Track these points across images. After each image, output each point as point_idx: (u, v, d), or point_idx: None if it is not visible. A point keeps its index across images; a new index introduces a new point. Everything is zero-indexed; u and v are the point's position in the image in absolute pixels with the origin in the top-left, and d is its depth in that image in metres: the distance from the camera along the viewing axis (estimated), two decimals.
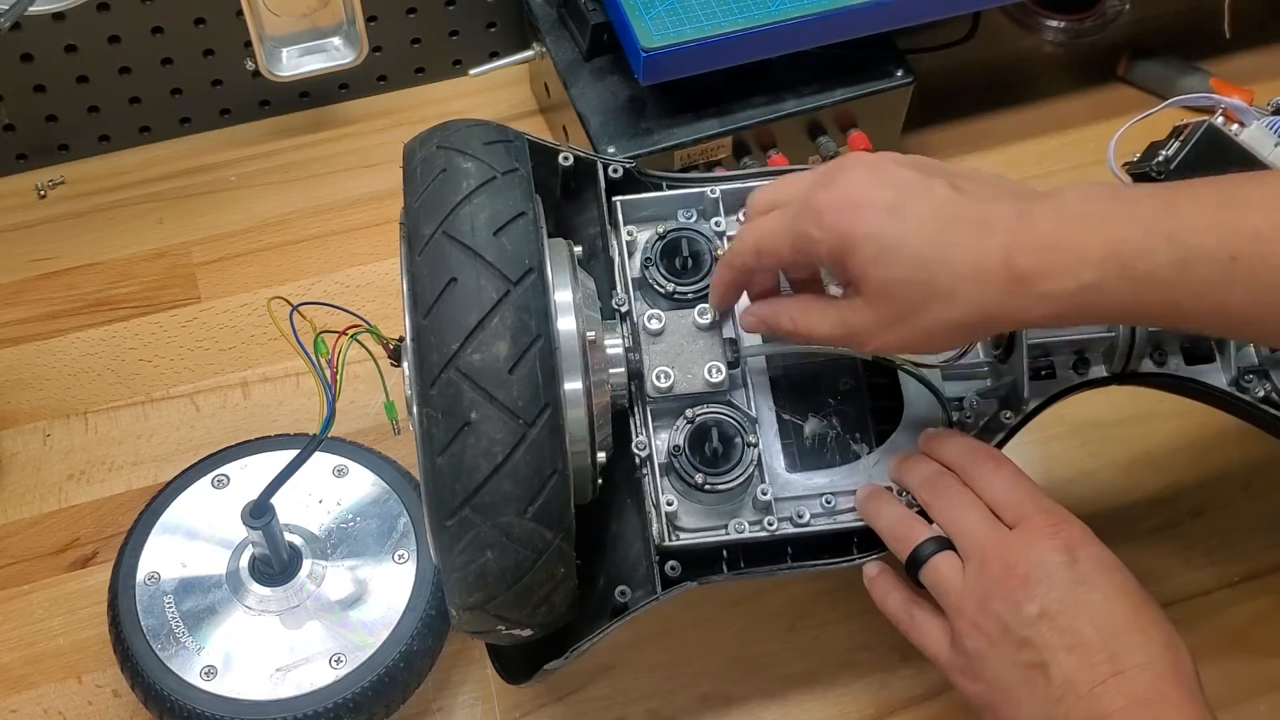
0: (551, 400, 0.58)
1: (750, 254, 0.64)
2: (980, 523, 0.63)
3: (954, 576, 0.62)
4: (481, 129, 0.65)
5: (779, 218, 0.62)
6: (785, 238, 0.61)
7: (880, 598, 0.67)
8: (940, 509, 0.65)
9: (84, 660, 0.78)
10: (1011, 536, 0.62)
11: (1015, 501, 0.63)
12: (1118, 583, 0.60)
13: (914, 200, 0.59)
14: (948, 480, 0.65)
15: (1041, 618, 0.59)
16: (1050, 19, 1.10)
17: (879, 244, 0.58)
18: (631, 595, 0.66)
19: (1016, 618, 0.59)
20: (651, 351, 0.69)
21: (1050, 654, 0.58)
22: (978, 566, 0.62)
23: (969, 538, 0.63)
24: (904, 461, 0.68)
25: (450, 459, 0.57)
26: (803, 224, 0.60)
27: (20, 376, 0.90)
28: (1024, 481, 0.64)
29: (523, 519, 0.58)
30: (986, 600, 0.60)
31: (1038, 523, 0.62)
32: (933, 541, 0.64)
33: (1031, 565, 0.60)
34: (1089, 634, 0.58)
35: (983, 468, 0.65)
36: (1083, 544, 0.61)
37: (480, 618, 0.61)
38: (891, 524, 0.66)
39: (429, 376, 0.58)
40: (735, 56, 0.89)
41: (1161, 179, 0.74)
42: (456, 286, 0.58)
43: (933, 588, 0.63)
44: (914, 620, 0.65)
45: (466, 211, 0.60)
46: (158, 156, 1.02)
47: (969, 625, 0.61)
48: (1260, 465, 0.86)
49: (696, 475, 0.66)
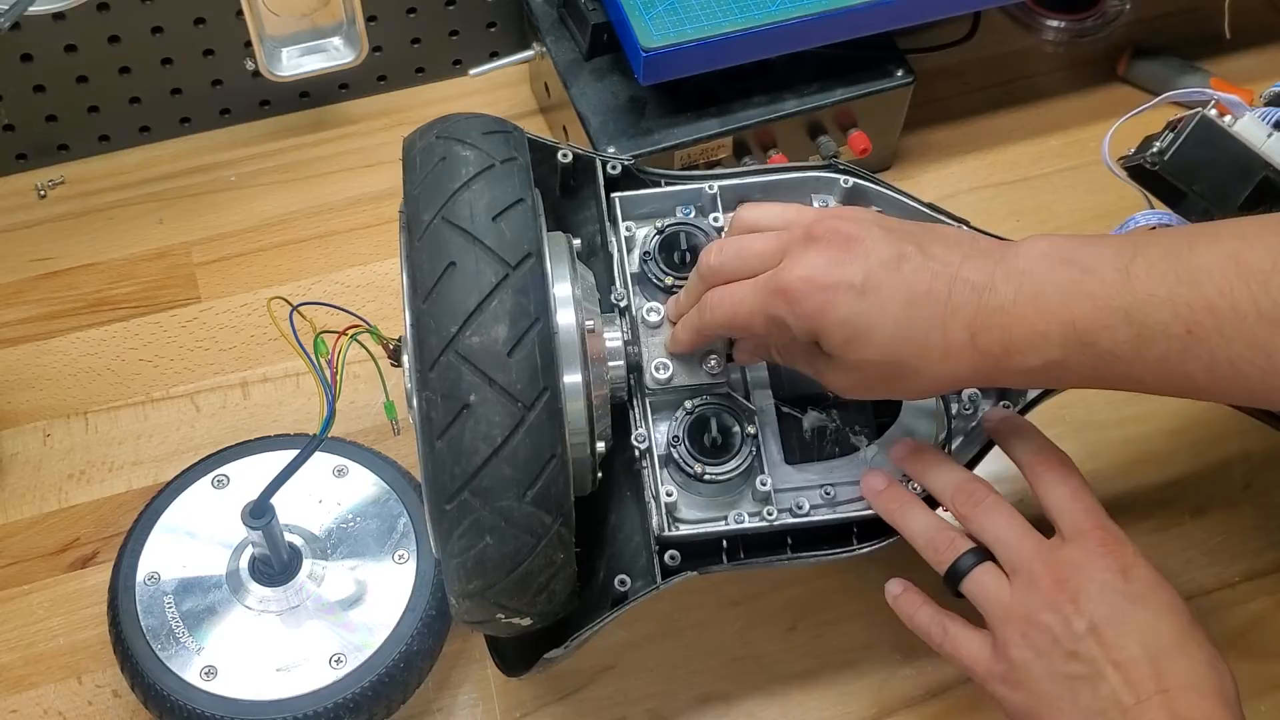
0: (550, 384, 0.58)
1: (722, 326, 0.65)
2: (1026, 537, 0.63)
3: (1000, 589, 0.63)
4: (480, 120, 0.66)
5: (751, 295, 0.62)
6: (759, 317, 0.62)
7: (909, 614, 0.68)
8: (981, 522, 0.65)
9: (84, 660, 0.78)
10: (1063, 551, 0.62)
11: (1075, 512, 0.63)
12: (1167, 603, 0.61)
13: (882, 277, 0.60)
14: (983, 491, 0.66)
15: (1090, 632, 0.60)
16: (1050, 19, 1.10)
17: (848, 329, 0.60)
18: (631, 585, 0.67)
19: (1066, 631, 0.60)
20: (650, 344, 0.69)
21: (1097, 668, 0.59)
22: (1027, 580, 0.62)
23: (1015, 552, 0.63)
24: (921, 459, 0.68)
25: (449, 442, 0.58)
26: (774, 307, 0.61)
27: (20, 376, 0.90)
28: (1088, 494, 0.64)
29: (522, 503, 0.58)
30: (1036, 612, 0.61)
31: (1093, 539, 0.62)
32: (972, 553, 0.64)
33: (1083, 581, 0.61)
34: (1136, 651, 0.59)
35: (1052, 471, 0.65)
36: (1135, 564, 0.62)
37: (479, 605, 0.61)
38: (927, 533, 0.66)
39: (428, 360, 0.58)
40: (735, 56, 0.89)
41: (1156, 170, 0.74)
42: (455, 270, 0.59)
43: (976, 600, 0.64)
44: (948, 633, 0.65)
45: (465, 198, 0.60)
46: (158, 156, 1.02)
47: (1016, 635, 0.61)
48: (1260, 465, 0.86)
49: (696, 466, 0.66)
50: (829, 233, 0.61)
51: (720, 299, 0.64)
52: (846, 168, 0.74)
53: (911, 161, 1.02)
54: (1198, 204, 0.75)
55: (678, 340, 0.68)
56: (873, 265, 0.60)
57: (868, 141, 0.96)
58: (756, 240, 0.64)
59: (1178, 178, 0.74)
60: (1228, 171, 0.73)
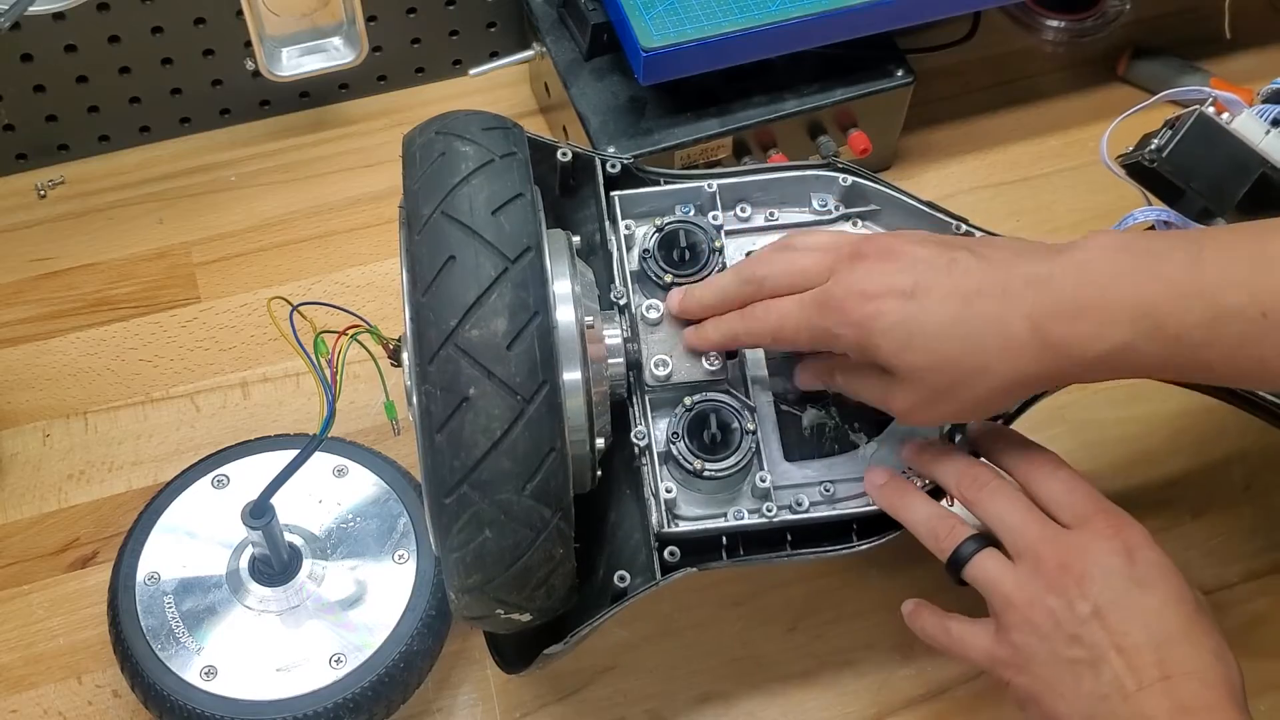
0: (549, 377, 0.58)
1: (767, 337, 0.65)
2: (1031, 520, 0.63)
3: (1004, 573, 0.63)
4: (480, 116, 0.66)
5: (797, 309, 0.63)
6: (805, 332, 0.62)
7: (919, 628, 0.68)
8: (985, 506, 0.64)
9: (84, 660, 0.78)
10: (1068, 535, 0.62)
11: (1074, 502, 0.63)
12: (1173, 588, 0.60)
13: (933, 280, 0.59)
14: (987, 475, 0.65)
15: (1094, 616, 0.59)
16: (1050, 19, 1.10)
17: (900, 335, 0.59)
18: (631, 581, 0.67)
19: (1069, 614, 0.60)
20: (650, 341, 0.69)
21: (1100, 652, 0.59)
22: (1032, 564, 0.62)
23: (1020, 535, 0.63)
24: (927, 451, 0.68)
25: (449, 436, 0.58)
26: (823, 320, 0.61)
27: (20, 376, 0.90)
28: (1082, 483, 0.64)
29: (521, 496, 0.58)
30: (1040, 596, 0.61)
31: (1098, 523, 0.62)
32: (975, 539, 0.64)
33: (1088, 564, 0.60)
34: (1140, 637, 0.59)
35: (1041, 469, 0.65)
36: (1141, 547, 0.61)
37: (479, 600, 0.61)
38: (929, 521, 0.66)
39: (428, 353, 0.58)
40: (735, 56, 0.89)
41: (1154, 166, 0.74)
42: (455, 264, 0.59)
43: (980, 584, 0.64)
44: (950, 632, 0.65)
45: (465, 192, 0.60)
46: (158, 156, 1.02)
47: (1020, 619, 0.61)
48: (1260, 465, 0.86)
49: (695, 462, 0.66)
50: (877, 249, 0.61)
51: (767, 311, 0.64)
52: (846, 166, 0.74)
53: (911, 161, 1.02)
54: (1196, 201, 0.75)
55: (706, 339, 0.67)
56: (921, 271, 0.59)
57: (868, 141, 0.96)
58: (805, 256, 0.64)
59: (1176, 175, 0.74)
60: (1226, 168, 0.73)
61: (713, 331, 0.67)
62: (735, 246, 0.73)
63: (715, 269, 0.70)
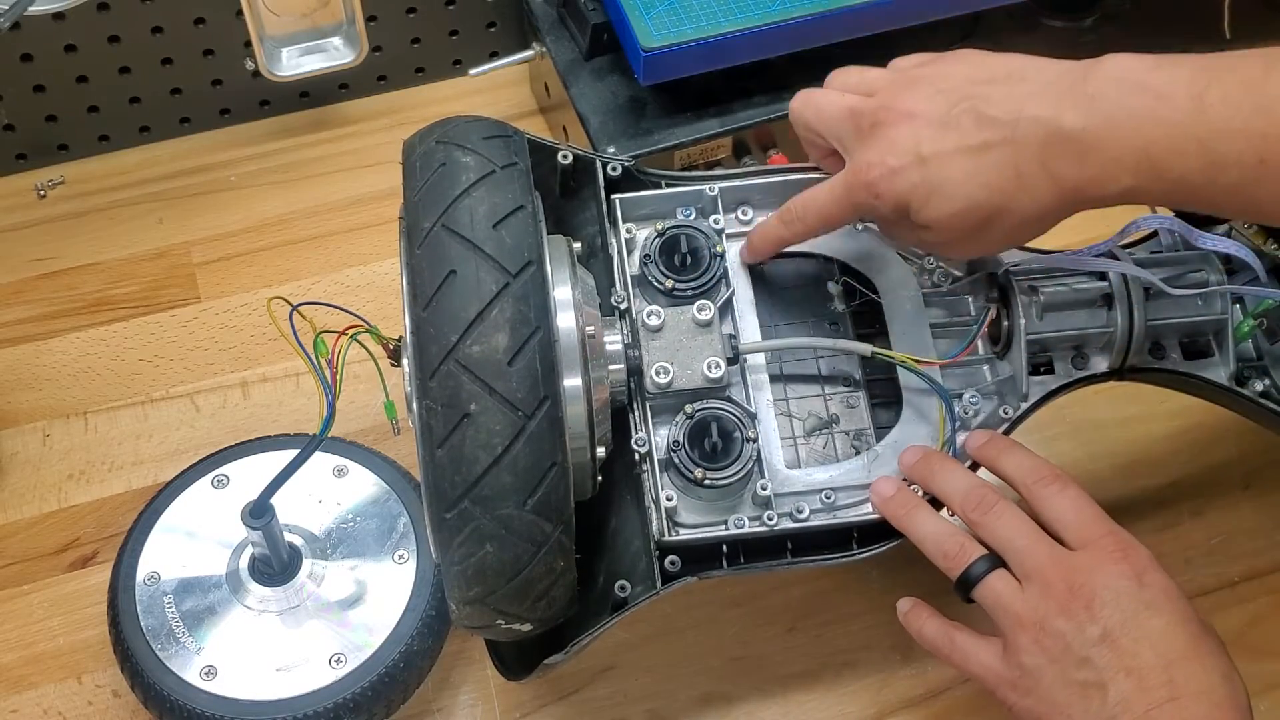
0: (551, 392, 0.58)
1: (815, 230, 0.69)
2: (1039, 543, 0.63)
3: (1013, 595, 0.63)
4: (480, 124, 0.65)
5: (832, 198, 0.67)
6: (850, 211, 0.67)
7: (917, 629, 0.68)
8: (992, 529, 0.65)
9: (84, 660, 0.78)
10: (1076, 558, 0.62)
11: (1081, 524, 0.63)
12: (1180, 611, 0.61)
13: (938, 142, 0.63)
14: (993, 498, 0.65)
15: (1104, 639, 0.60)
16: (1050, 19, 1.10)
17: (923, 192, 0.63)
18: (631, 590, 0.66)
19: (1079, 637, 0.60)
20: (651, 347, 0.69)
21: (1109, 674, 0.59)
22: (1040, 587, 0.62)
23: (1028, 558, 0.63)
24: (927, 465, 0.68)
25: (450, 451, 0.57)
26: (859, 197, 0.66)
27: (20, 376, 0.90)
28: (1089, 504, 0.64)
29: (522, 511, 0.58)
30: (1049, 618, 0.61)
31: (1105, 545, 0.62)
32: (985, 560, 0.64)
33: (1097, 587, 0.61)
34: (1149, 658, 0.59)
35: (1048, 488, 0.65)
36: (1148, 569, 0.62)
37: (480, 612, 0.61)
38: (937, 538, 0.66)
39: (428, 368, 0.58)
40: (735, 56, 0.89)
41: None
42: (456, 279, 0.58)
43: (989, 605, 0.64)
44: (955, 644, 0.65)
45: (466, 205, 0.60)
46: (158, 156, 1.02)
47: (1029, 641, 0.61)
48: (1260, 465, 0.86)
49: (696, 470, 0.66)
50: (890, 114, 0.65)
51: (805, 207, 0.69)
52: None
53: None
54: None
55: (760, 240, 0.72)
56: (923, 134, 0.63)
57: None
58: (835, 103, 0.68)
59: None
60: None
61: (759, 241, 0.71)
62: (736, 250, 0.73)
63: (716, 274, 0.70)
